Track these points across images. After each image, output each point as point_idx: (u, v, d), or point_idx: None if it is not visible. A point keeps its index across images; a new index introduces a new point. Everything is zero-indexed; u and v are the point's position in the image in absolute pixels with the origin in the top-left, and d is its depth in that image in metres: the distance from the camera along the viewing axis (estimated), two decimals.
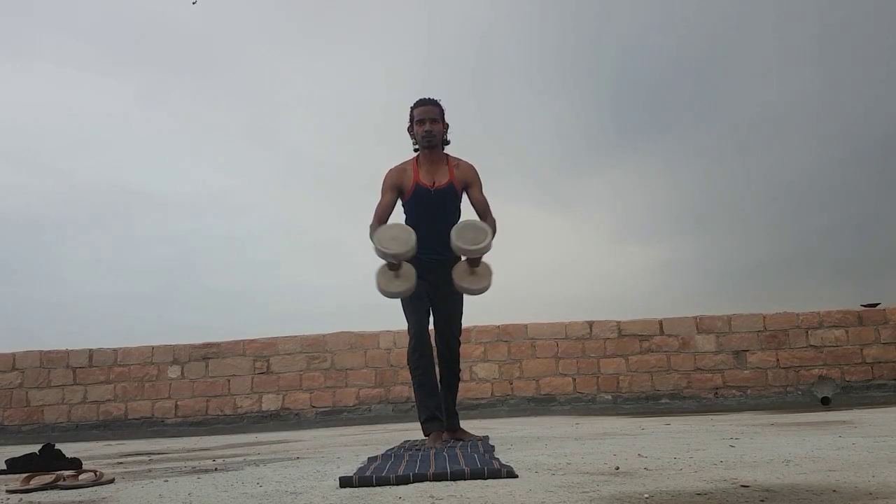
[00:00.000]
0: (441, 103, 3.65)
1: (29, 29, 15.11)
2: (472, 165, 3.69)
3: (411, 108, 3.64)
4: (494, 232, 3.42)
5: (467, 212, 3.66)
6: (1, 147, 15.33)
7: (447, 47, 15.55)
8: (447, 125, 3.67)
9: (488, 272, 3.40)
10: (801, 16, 13.70)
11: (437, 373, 3.61)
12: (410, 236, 3.26)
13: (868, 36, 13.59)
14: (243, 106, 15.86)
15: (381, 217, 3.50)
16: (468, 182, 3.64)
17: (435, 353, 3.65)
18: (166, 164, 16.09)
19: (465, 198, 3.69)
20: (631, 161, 15.40)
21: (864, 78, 13.95)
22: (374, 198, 3.61)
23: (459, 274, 3.40)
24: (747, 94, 14.58)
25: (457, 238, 3.27)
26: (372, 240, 3.28)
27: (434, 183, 3.58)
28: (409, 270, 3.32)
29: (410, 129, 3.67)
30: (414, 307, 3.53)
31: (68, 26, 15.47)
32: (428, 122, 3.57)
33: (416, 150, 3.69)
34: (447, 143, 3.68)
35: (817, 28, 13.78)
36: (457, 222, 3.59)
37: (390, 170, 3.64)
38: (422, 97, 3.65)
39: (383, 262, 3.28)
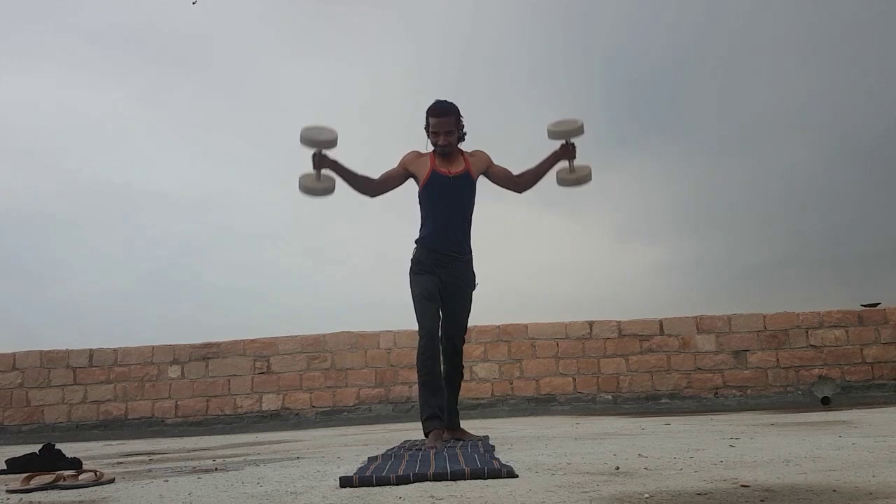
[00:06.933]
0: (456, 107, 3.60)
1: (33, 31, 15.12)
2: (483, 151, 3.72)
3: (427, 112, 3.60)
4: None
5: (482, 203, 3.71)
6: (3, 147, 15.34)
7: (439, 48, 15.55)
8: (462, 125, 3.64)
9: (587, 166, 3.69)
10: (797, 16, 13.71)
11: (442, 371, 3.62)
12: (333, 129, 3.43)
13: (865, 36, 13.61)
14: (244, 105, 15.86)
15: (378, 178, 3.57)
16: (485, 164, 3.68)
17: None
18: (167, 164, 16.10)
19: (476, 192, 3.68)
20: (629, 162, 15.39)
21: (862, 77, 13.96)
22: (371, 198, 3.62)
23: (563, 173, 3.68)
24: (745, 94, 14.59)
25: (555, 125, 3.59)
26: (300, 135, 3.41)
27: (451, 171, 3.58)
28: (329, 173, 3.48)
29: (427, 129, 3.64)
30: (425, 308, 3.52)
31: (71, 28, 15.48)
32: (442, 135, 3.55)
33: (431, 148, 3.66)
34: (462, 138, 3.67)
35: (814, 28, 13.80)
36: (471, 214, 3.66)
37: (411, 151, 3.65)
38: (437, 101, 3.59)
39: (310, 169, 3.44)
